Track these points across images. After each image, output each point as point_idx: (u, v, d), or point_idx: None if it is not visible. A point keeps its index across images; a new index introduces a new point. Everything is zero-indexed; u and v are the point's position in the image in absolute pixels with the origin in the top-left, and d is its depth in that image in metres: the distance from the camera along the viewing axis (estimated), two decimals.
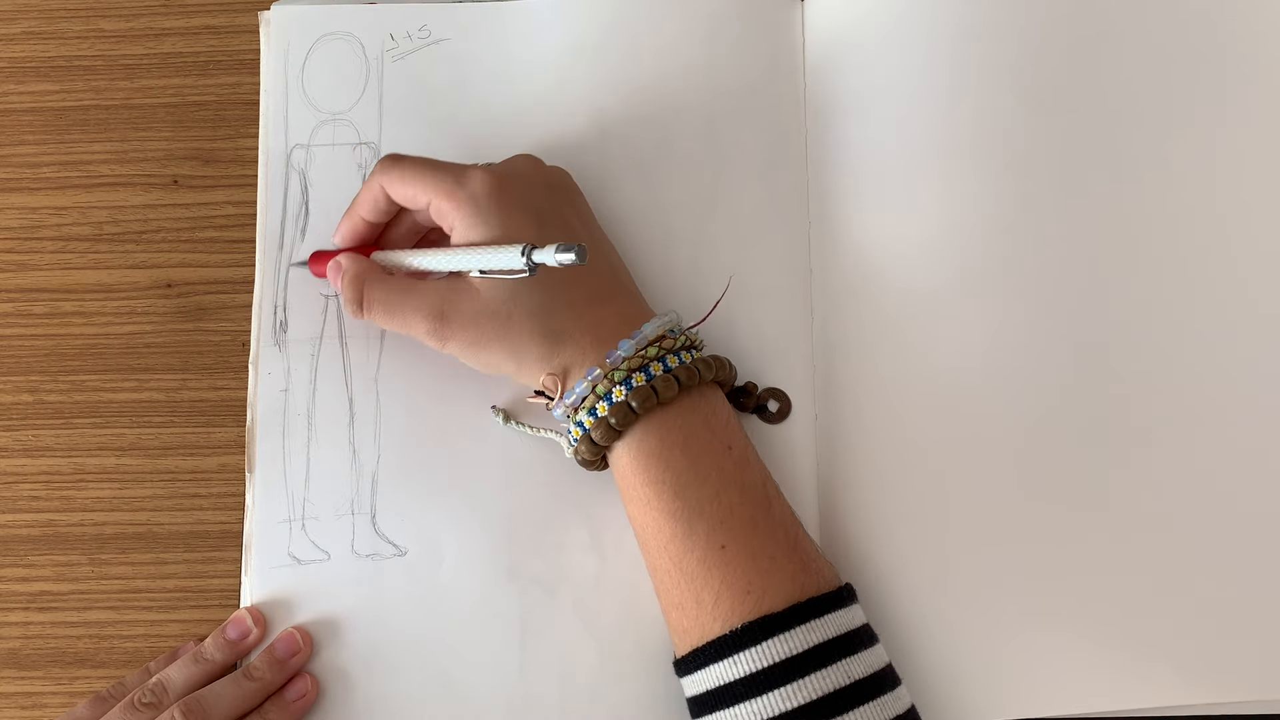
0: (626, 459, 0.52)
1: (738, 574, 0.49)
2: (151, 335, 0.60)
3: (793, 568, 0.50)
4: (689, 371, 0.52)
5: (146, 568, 0.58)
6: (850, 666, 0.48)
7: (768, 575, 0.49)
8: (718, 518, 0.50)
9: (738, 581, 0.49)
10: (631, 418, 0.51)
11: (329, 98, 0.61)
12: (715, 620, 0.49)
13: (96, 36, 0.63)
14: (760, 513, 0.51)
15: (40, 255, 0.61)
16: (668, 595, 0.51)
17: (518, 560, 0.56)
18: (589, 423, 0.52)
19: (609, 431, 0.51)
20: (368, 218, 0.56)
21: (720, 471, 0.51)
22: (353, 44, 0.61)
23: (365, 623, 0.55)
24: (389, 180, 0.54)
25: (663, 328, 0.53)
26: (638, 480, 0.51)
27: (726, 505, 0.50)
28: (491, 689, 0.55)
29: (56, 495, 0.59)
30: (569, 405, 0.52)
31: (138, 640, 0.58)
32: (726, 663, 0.48)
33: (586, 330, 0.52)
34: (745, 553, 0.50)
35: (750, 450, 0.53)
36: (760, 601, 0.49)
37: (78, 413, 0.60)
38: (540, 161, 0.56)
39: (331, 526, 0.56)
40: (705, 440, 0.52)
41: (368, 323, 0.57)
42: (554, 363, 0.52)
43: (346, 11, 0.61)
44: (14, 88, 0.63)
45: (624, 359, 0.51)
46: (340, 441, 0.57)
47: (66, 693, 0.57)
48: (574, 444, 0.53)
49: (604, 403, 0.51)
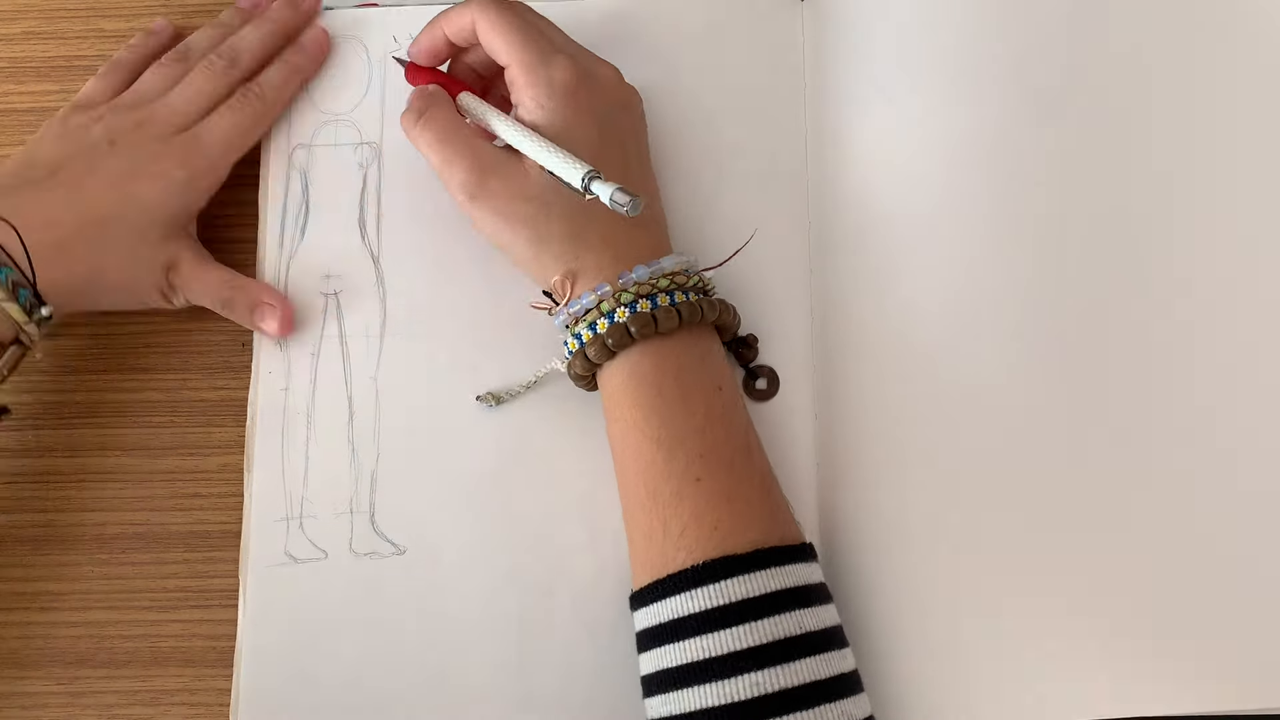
0: (618, 380, 0.52)
1: (708, 509, 0.50)
2: (151, 335, 0.60)
3: (761, 514, 0.51)
4: (692, 308, 0.52)
5: (146, 568, 0.58)
6: (803, 618, 0.49)
7: (737, 516, 0.50)
8: (698, 451, 0.51)
9: (707, 516, 0.50)
10: (627, 340, 0.51)
11: (332, 98, 0.61)
12: (679, 551, 0.50)
13: (96, 36, 0.63)
14: (739, 456, 0.51)
15: None
16: (637, 523, 0.51)
17: (516, 560, 0.56)
18: (586, 336, 0.52)
19: (603, 350, 0.52)
20: (452, 38, 0.57)
21: (708, 408, 0.52)
22: (355, 46, 0.61)
23: (363, 622, 0.55)
24: (482, 22, 0.55)
25: (680, 265, 0.53)
26: (626, 402, 0.52)
27: (709, 441, 0.51)
28: (490, 689, 0.55)
29: (56, 495, 0.59)
30: (572, 314, 0.53)
31: (138, 640, 0.58)
32: (683, 596, 0.49)
33: (609, 246, 0.53)
34: (719, 490, 0.50)
35: (739, 397, 0.53)
36: (725, 540, 0.49)
37: (78, 413, 0.60)
38: (621, 76, 0.57)
39: (330, 525, 0.56)
40: (698, 375, 0.52)
41: (366, 324, 0.58)
42: (571, 265, 0.53)
43: (350, 13, 0.62)
44: (14, 88, 0.63)
45: (635, 282, 0.52)
46: (339, 440, 0.57)
47: (67, 693, 0.57)
48: (568, 356, 0.53)
49: (605, 320, 0.52)
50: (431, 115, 0.55)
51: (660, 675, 0.49)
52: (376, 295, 0.59)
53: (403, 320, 0.58)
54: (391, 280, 0.59)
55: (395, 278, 0.59)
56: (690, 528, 0.50)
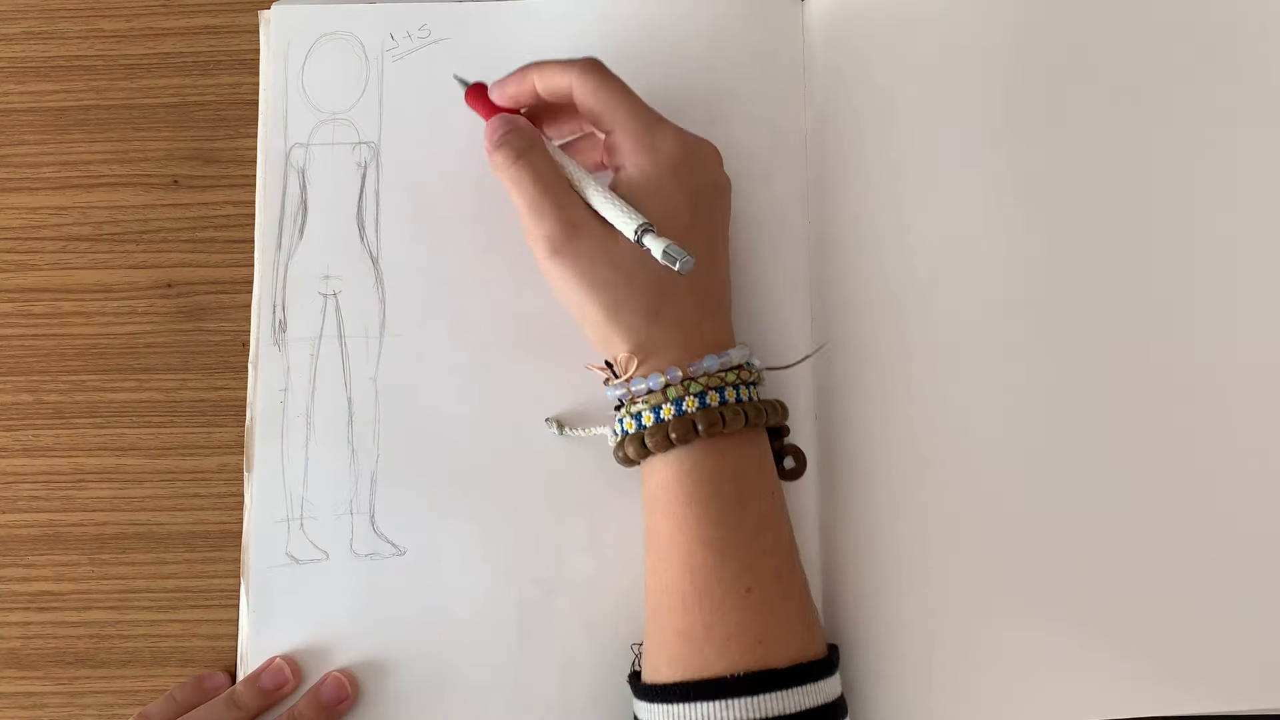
0: (671, 473, 0.51)
1: (755, 620, 0.49)
2: (151, 335, 0.60)
3: (800, 628, 0.50)
4: (757, 409, 0.51)
5: (146, 568, 0.58)
6: None
7: (779, 630, 0.50)
8: (750, 559, 0.50)
9: (753, 626, 0.49)
10: (692, 435, 0.50)
11: (329, 97, 0.60)
12: (720, 659, 0.49)
13: (96, 36, 0.63)
14: (786, 565, 0.51)
15: (40, 255, 0.61)
16: (672, 618, 0.50)
17: (517, 560, 0.56)
18: (647, 419, 0.51)
19: (664, 440, 0.50)
20: (542, 93, 0.54)
21: (761, 514, 0.51)
22: (353, 43, 0.61)
23: (364, 622, 0.56)
24: (584, 87, 0.53)
25: (744, 358, 0.52)
26: (680, 498, 0.50)
27: (760, 549, 0.50)
28: (490, 689, 0.55)
29: (56, 495, 0.59)
30: (634, 391, 0.51)
31: (138, 640, 0.58)
32: (719, 704, 0.48)
33: (683, 329, 0.52)
34: (766, 602, 0.50)
35: (785, 503, 0.53)
36: (767, 654, 0.49)
37: (78, 413, 0.60)
38: (721, 159, 0.55)
39: (330, 526, 0.56)
40: (755, 479, 0.51)
41: (366, 324, 0.58)
42: (641, 339, 0.51)
43: (346, 11, 0.61)
44: (14, 88, 0.63)
45: (705, 373, 0.51)
46: (339, 441, 0.57)
47: (66, 693, 0.57)
48: (620, 435, 0.52)
49: (671, 406, 0.50)
50: (532, 159, 0.53)
51: None
52: (376, 295, 0.59)
53: (402, 320, 0.58)
54: (391, 280, 0.59)
55: (395, 278, 0.59)
56: (735, 637, 0.49)
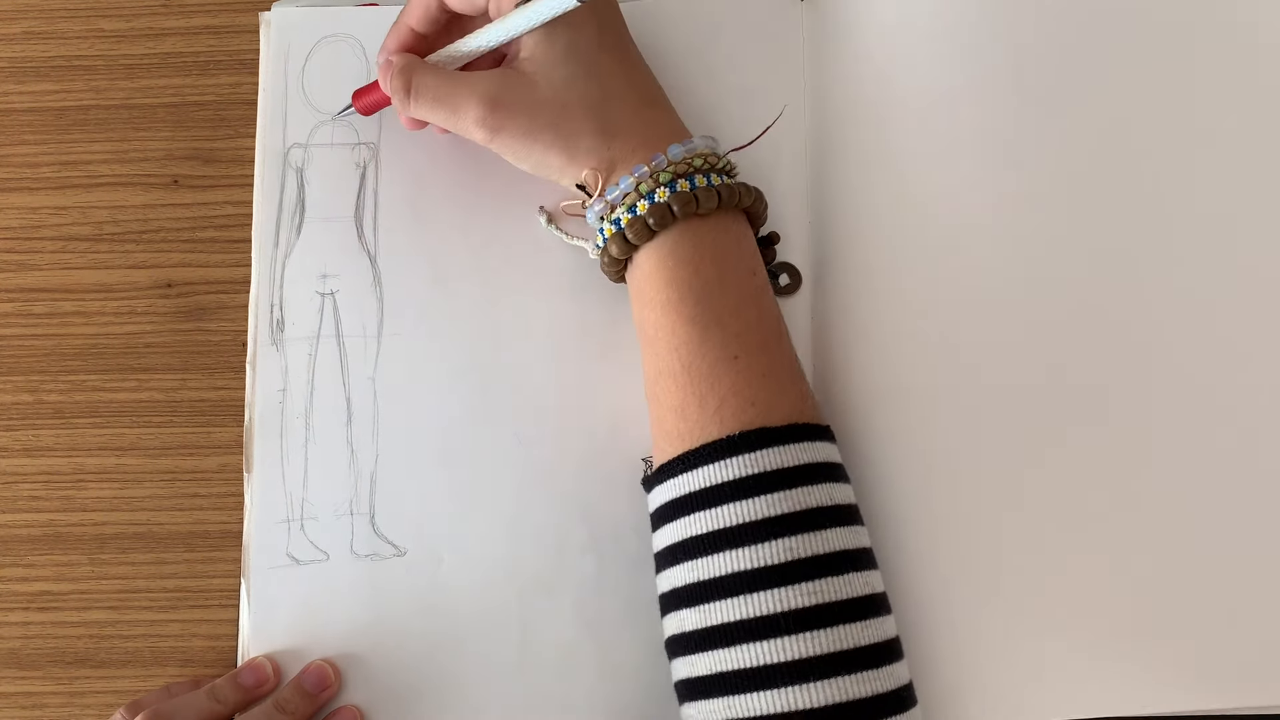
0: (653, 261, 0.52)
1: (745, 384, 0.50)
2: (151, 335, 0.60)
3: (794, 394, 0.51)
4: (730, 190, 0.52)
5: (146, 568, 0.58)
6: (832, 491, 0.50)
7: (772, 393, 0.50)
8: (734, 330, 0.51)
9: (744, 391, 0.50)
10: (669, 219, 0.51)
11: (328, 99, 0.60)
12: (715, 423, 0.50)
13: (96, 36, 0.63)
14: (772, 338, 0.52)
15: (40, 255, 0.61)
16: (667, 398, 0.51)
17: (516, 560, 0.56)
18: (625, 219, 0.52)
19: (644, 230, 0.51)
20: (417, 27, 0.56)
21: (742, 290, 0.52)
22: (353, 45, 0.61)
23: (364, 623, 0.56)
24: None
25: (710, 147, 0.53)
26: (661, 281, 0.51)
27: (744, 321, 0.51)
28: (491, 689, 0.55)
29: (56, 495, 0.59)
30: (609, 200, 0.52)
31: (138, 640, 0.58)
32: (719, 464, 0.49)
33: (637, 130, 0.53)
34: (755, 368, 0.50)
35: (769, 283, 0.53)
36: (762, 414, 0.50)
37: (78, 413, 0.60)
38: None
39: (330, 527, 0.56)
40: (735, 258, 0.52)
41: (364, 324, 0.58)
42: (604, 155, 0.53)
43: (346, 13, 0.61)
44: (14, 88, 0.63)
45: (671, 162, 0.52)
46: (338, 441, 0.57)
47: (66, 693, 0.57)
48: (602, 244, 0.53)
49: (645, 201, 0.51)
50: (417, 83, 0.54)
51: (687, 544, 0.49)
52: (374, 295, 0.58)
53: (400, 320, 0.58)
54: (389, 279, 0.59)
55: (393, 277, 0.59)
56: (728, 401, 0.50)
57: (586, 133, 0.52)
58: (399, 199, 0.59)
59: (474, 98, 0.53)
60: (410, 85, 0.54)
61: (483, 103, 0.53)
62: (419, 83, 0.54)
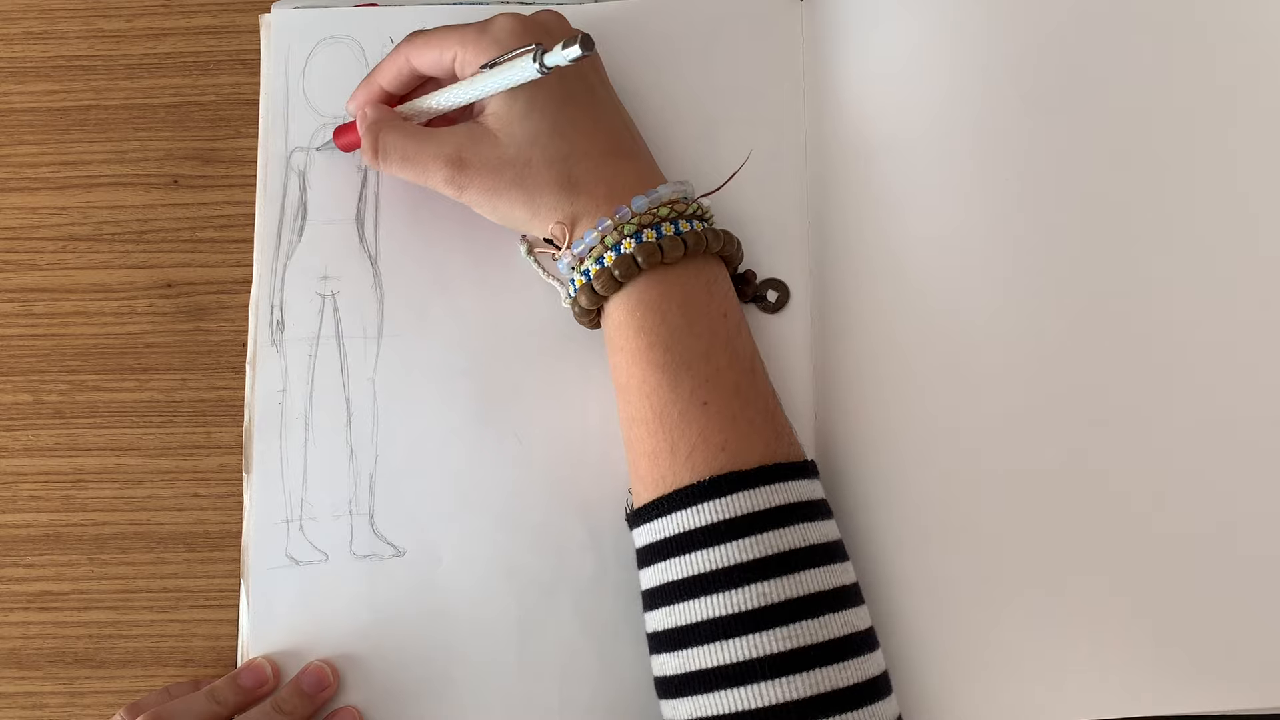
0: (623, 311, 0.52)
1: (715, 430, 0.50)
2: (151, 335, 0.60)
3: (765, 434, 0.51)
4: (697, 237, 0.52)
5: (146, 568, 0.58)
6: (806, 531, 0.49)
7: (743, 437, 0.50)
8: (704, 376, 0.51)
9: (714, 437, 0.50)
10: (634, 270, 0.51)
11: (329, 101, 0.60)
12: (687, 470, 0.50)
13: (96, 36, 0.63)
14: (744, 380, 0.52)
15: (40, 255, 0.61)
16: (641, 445, 0.52)
17: (516, 560, 0.56)
18: (594, 270, 0.52)
19: (610, 281, 0.52)
20: (387, 87, 0.56)
21: (713, 334, 0.52)
22: (353, 47, 0.61)
23: (364, 624, 0.56)
24: (414, 48, 0.55)
25: (677, 193, 0.53)
26: (630, 330, 0.52)
27: (714, 366, 0.51)
28: (490, 689, 0.55)
29: (56, 495, 0.59)
30: (575, 255, 0.53)
31: (138, 640, 0.58)
32: (690, 510, 0.49)
33: (601, 182, 0.53)
34: (725, 412, 0.50)
35: (744, 324, 0.53)
36: (733, 459, 0.50)
37: (78, 413, 0.60)
38: (565, 19, 0.56)
39: (330, 527, 0.56)
40: (704, 303, 0.52)
41: (364, 325, 0.58)
42: (567, 211, 0.53)
43: (346, 15, 0.61)
44: (14, 88, 0.63)
45: (635, 215, 0.52)
46: (338, 442, 0.57)
47: (66, 693, 0.57)
48: (573, 294, 0.53)
49: (611, 253, 0.52)
50: (384, 142, 0.55)
51: (664, 589, 0.50)
52: (374, 296, 0.58)
53: (400, 321, 0.58)
54: (389, 281, 0.59)
55: (393, 278, 0.59)
56: (699, 448, 0.50)
57: (549, 189, 0.53)
58: (400, 201, 0.59)
59: (440, 159, 0.54)
60: (378, 146, 0.55)
61: (449, 164, 0.54)
62: (386, 143, 0.55)
